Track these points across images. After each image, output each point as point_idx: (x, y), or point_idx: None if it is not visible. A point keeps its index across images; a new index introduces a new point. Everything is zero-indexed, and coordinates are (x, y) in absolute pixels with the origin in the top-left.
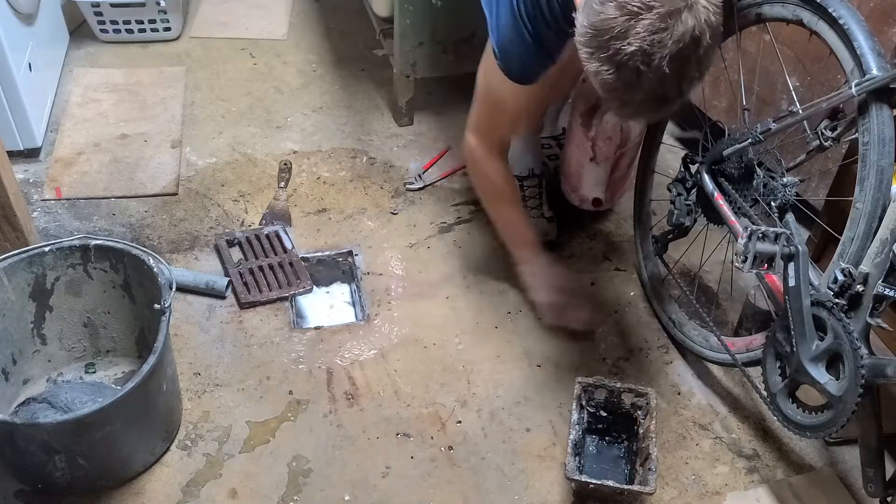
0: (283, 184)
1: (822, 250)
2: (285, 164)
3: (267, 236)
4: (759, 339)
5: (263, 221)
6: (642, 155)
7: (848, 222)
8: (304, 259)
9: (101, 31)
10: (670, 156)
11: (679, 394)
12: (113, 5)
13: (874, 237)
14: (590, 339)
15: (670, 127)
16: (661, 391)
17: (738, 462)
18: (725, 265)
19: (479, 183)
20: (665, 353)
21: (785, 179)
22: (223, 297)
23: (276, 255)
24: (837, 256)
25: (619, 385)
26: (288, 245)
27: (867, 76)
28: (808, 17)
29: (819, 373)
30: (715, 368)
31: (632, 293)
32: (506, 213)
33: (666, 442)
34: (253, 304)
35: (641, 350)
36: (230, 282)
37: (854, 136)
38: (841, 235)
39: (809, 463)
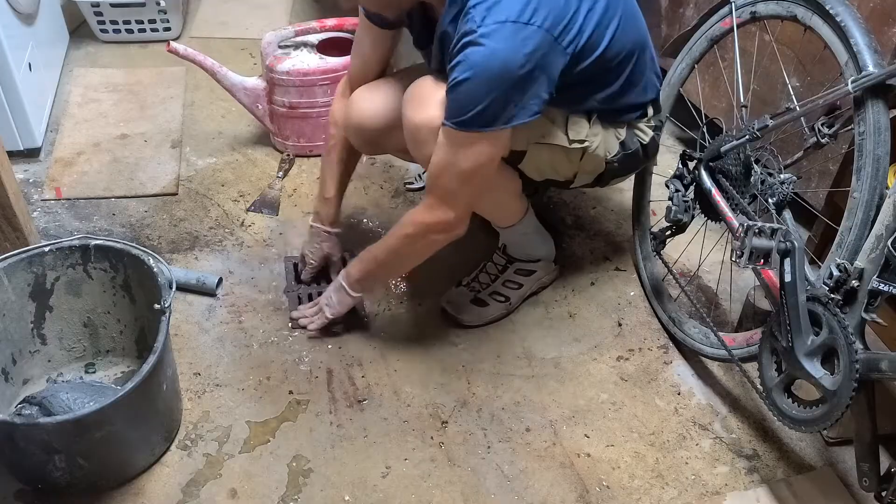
0: (281, 174)
1: (822, 250)
2: (288, 154)
3: (334, 262)
4: (760, 333)
5: (252, 208)
6: None
7: (845, 212)
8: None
9: (101, 31)
10: (669, 155)
11: (679, 394)
12: (113, 5)
13: (871, 230)
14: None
15: (670, 127)
16: (661, 391)
17: (738, 462)
18: (725, 265)
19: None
20: (665, 353)
21: (782, 176)
22: (214, 296)
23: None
24: (835, 248)
25: None
26: None
27: (864, 73)
28: (801, 12)
29: (814, 367)
30: (715, 368)
31: (632, 293)
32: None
33: (666, 442)
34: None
35: (641, 350)
36: (220, 279)
37: (850, 128)
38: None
39: (809, 463)
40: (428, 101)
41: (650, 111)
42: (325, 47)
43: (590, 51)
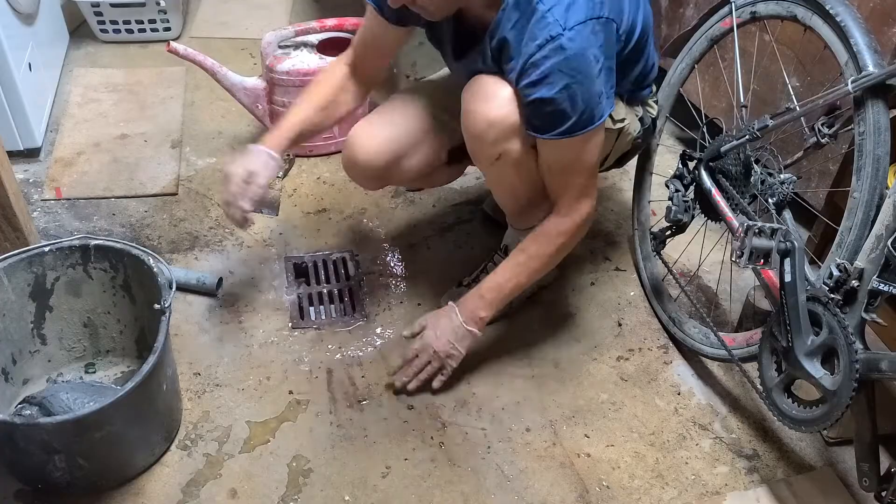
0: (281, 174)
1: (822, 250)
2: (288, 155)
3: (334, 262)
4: (760, 333)
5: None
6: (640, 156)
7: (845, 212)
8: (300, 258)
9: (101, 31)
10: (669, 156)
11: (679, 394)
12: (113, 5)
13: (871, 230)
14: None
15: (670, 127)
16: (661, 391)
17: (738, 462)
18: (725, 265)
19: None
20: (665, 353)
21: (782, 176)
22: (214, 296)
23: (338, 281)
24: (835, 248)
25: None
26: (352, 272)
27: (864, 73)
28: (801, 12)
29: (814, 367)
30: (715, 368)
31: (632, 293)
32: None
33: (666, 442)
34: (304, 329)
35: (641, 350)
36: (221, 279)
37: (850, 128)
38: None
39: (809, 463)
40: (496, 96)
41: (654, 86)
42: (325, 47)
43: (631, 34)
